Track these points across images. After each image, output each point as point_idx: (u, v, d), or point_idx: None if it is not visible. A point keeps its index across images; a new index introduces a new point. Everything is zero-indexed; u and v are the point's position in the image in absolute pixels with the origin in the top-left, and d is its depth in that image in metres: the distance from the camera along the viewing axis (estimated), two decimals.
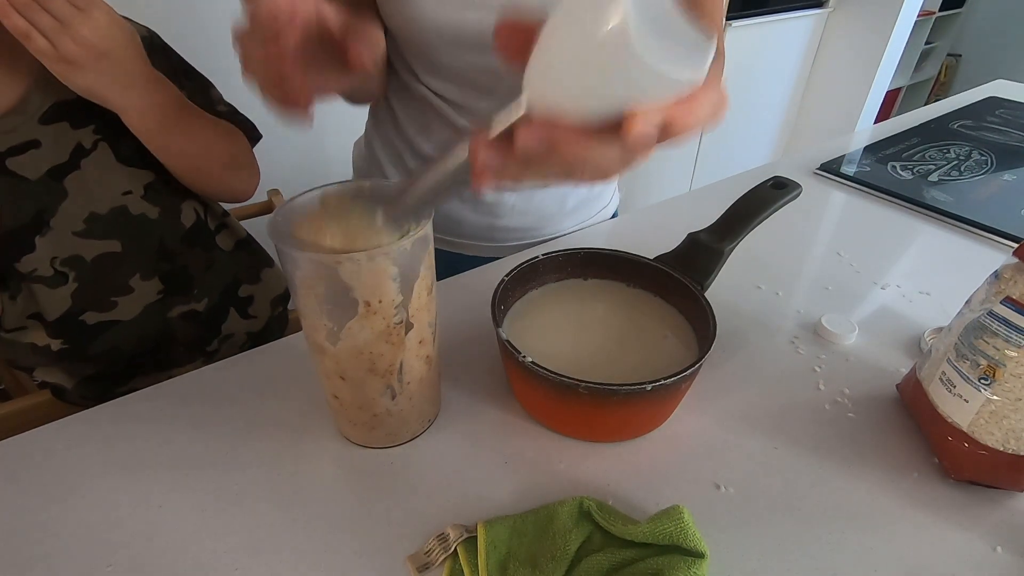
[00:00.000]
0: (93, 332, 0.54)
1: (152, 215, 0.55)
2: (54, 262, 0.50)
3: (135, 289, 0.56)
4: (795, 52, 2.39)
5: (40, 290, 0.50)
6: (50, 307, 0.51)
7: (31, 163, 0.48)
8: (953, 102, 1.22)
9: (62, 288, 0.51)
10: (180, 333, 0.60)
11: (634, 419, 0.47)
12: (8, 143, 0.46)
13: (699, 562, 0.36)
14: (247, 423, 0.49)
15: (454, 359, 0.56)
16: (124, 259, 0.54)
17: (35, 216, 0.49)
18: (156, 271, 0.57)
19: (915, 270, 0.70)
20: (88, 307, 0.53)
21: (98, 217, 0.52)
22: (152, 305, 0.57)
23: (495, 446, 0.47)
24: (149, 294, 0.57)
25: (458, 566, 0.38)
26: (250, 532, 0.41)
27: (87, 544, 0.40)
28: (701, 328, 0.50)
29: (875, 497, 0.44)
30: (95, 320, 0.54)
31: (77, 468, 0.45)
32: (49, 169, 0.49)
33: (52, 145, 0.49)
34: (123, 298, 0.55)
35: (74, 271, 0.51)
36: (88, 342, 0.55)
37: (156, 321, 0.58)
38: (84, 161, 0.50)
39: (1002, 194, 0.85)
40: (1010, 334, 0.40)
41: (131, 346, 0.57)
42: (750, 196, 0.59)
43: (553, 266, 0.57)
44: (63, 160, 0.49)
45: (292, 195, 0.38)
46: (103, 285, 0.54)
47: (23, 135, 0.47)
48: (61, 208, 0.50)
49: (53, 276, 0.50)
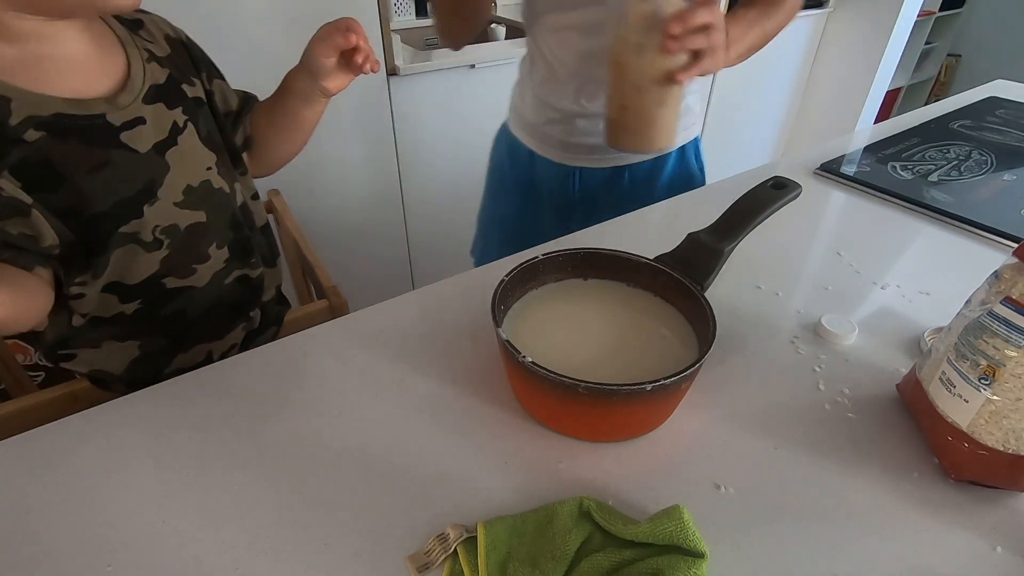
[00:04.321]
0: (169, 295, 0.59)
1: (227, 190, 0.61)
2: (155, 230, 0.55)
3: (211, 257, 0.61)
4: (795, 52, 2.39)
5: (135, 252, 0.54)
6: (137, 270, 0.56)
7: (140, 138, 0.52)
8: (953, 102, 1.22)
9: (156, 253, 0.56)
10: (230, 297, 0.65)
11: (634, 419, 0.47)
12: (123, 118, 0.51)
13: (699, 562, 0.36)
14: (247, 423, 0.49)
15: (453, 359, 0.56)
16: (207, 229, 0.59)
17: (146, 186, 0.53)
18: (226, 240, 0.62)
19: (915, 270, 0.70)
20: (171, 273, 0.58)
21: (192, 189, 0.57)
22: (219, 272, 0.63)
23: (495, 446, 0.47)
24: (219, 262, 0.62)
25: (458, 566, 0.38)
26: (250, 532, 0.41)
27: (87, 544, 0.40)
28: (701, 328, 0.50)
29: (875, 497, 0.44)
30: (174, 285, 0.59)
31: (77, 468, 0.45)
32: (155, 144, 0.53)
33: (154, 122, 0.53)
34: (201, 266, 0.60)
35: (169, 238, 0.56)
36: (162, 305, 0.59)
37: (218, 287, 0.63)
38: (180, 138, 0.56)
39: (1002, 194, 0.85)
40: (1010, 334, 0.40)
41: (196, 311, 0.62)
42: (750, 196, 0.59)
43: (553, 266, 0.57)
44: (164, 136, 0.54)
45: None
46: (189, 253, 0.59)
47: (133, 112, 0.52)
48: (166, 180, 0.55)
49: (152, 242, 0.55)
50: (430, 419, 0.50)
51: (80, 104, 0.48)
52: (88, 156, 0.49)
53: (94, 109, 0.49)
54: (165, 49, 0.57)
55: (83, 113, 0.48)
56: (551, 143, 0.85)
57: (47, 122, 0.46)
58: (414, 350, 0.57)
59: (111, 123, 0.50)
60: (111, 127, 0.50)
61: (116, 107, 0.50)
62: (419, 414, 0.50)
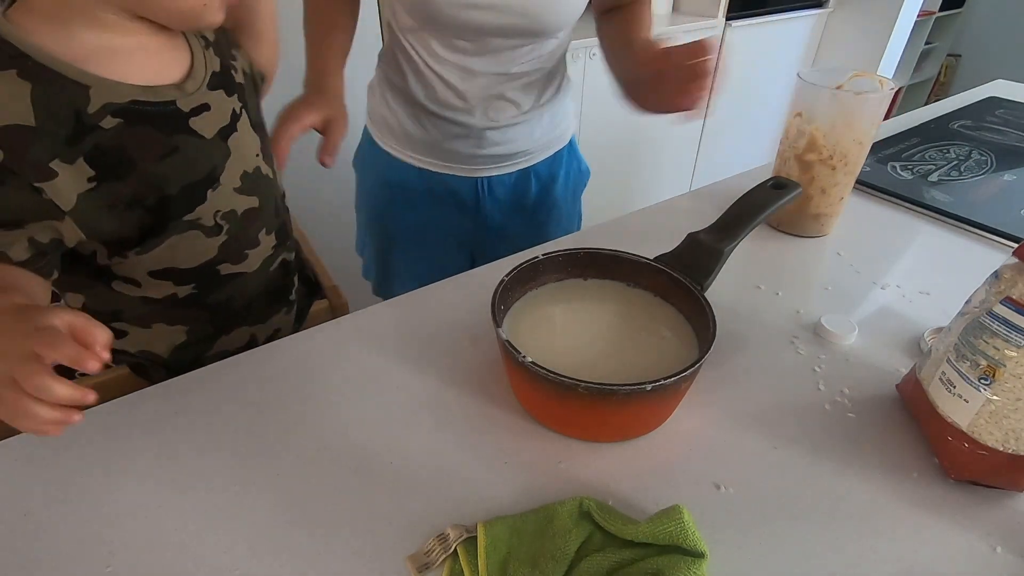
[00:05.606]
0: (222, 281, 0.60)
1: (271, 176, 0.63)
2: (216, 215, 0.56)
3: (261, 243, 0.62)
4: (795, 52, 2.39)
5: (195, 237, 0.55)
6: (194, 255, 0.57)
7: (206, 124, 0.53)
8: (953, 102, 1.22)
9: (215, 238, 0.57)
10: (274, 282, 0.67)
11: (634, 419, 0.47)
12: (191, 104, 0.52)
13: (699, 562, 0.36)
14: (247, 423, 0.49)
15: (453, 359, 0.56)
16: (259, 214, 0.60)
17: (210, 171, 0.54)
18: (274, 226, 0.64)
19: (915, 270, 0.70)
20: (226, 259, 0.59)
21: (247, 175, 0.58)
22: (266, 259, 0.64)
23: (495, 446, 0.47)
24: (267, 248, 0.63)
25: (458, 566, 0.38)
26: (250, 532, 0.41)
27: (87, 545, 0.40)
28: (701, 328, 0.50)
29: (875, 497, 0.44)
30: (228, 271, 0.60)
31: (77, 468, 0.45)
32: (219, 130, 0.55)
33: (217, 109, 0.54)
34: (253, 251, 0.61)
35: (228, 223, 0.57)
36: (213, 290, 0.60)
37: (265, 272, 0.64)
38: (239, 124, 0.57)
39: (1002, 194, 0.85)
40: (1010, 334, 0.40)
41: (244, 298, 0.63)
42: (750, 196, 0.59)
43: (553, 266, 0.57)
44: (226, 123, 0.55)
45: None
46: (243, 238, 0.60)
47: (200, 99, 0.53)
48: (227, 165, 0.56)
49: (212, 227, 0.56)
50: (430, 419, 0.50)
51: (153, 91, 0.49)
52: (160, 142, 0.50)
53: (166, 96, 0.50)
54: (212, 35, 0.58)
55: (156, 100, 0.49)
56: (459, 159, 0.85)
57: (123, 109, 0.47)
58: (414, 350, 0.57)
59: (181, 109, 0.51)
60: (181, 113, 0.51)
61: (185, 93, 0.51)
62: (419, 414, 0.50)
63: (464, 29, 0.72)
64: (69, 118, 0.44)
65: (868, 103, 0.67)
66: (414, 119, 0.83)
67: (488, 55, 0.75)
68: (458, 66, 0.76)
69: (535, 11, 0.70)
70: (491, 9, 0.69)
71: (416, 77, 0.80)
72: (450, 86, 0.78)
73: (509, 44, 0.74)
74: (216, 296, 0.61)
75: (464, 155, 0.85)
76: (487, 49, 0.75)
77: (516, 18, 0.71)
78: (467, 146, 0.84)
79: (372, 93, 0.89)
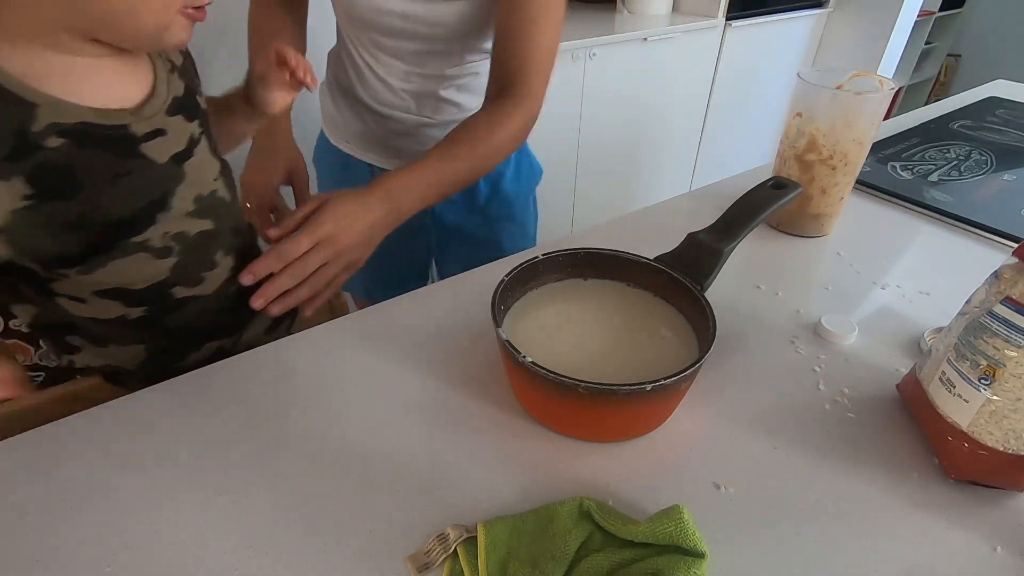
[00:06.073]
0: (178, 304, 0.59)
1: (228, 199, 0.62)
2: (165, 237, 0.55)
3: (218, 265, 0.61)
4: (795, 52, 2.39)
5: (143, 259, 0.54)
6: (144, 276, 0.56)
7: (159, 149, 0.53)
8: (953, 102, 1.22)
9: (165, 260, 0.56)
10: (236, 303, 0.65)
11: (634, 419, 0.47)
12: (144, 129, 0.51)
13: (699, 562, 0.36)
14: (247, 423, 0.49)
15: (453, 359, 0.56)
16: (215, 236, 0.60)
17: (161, 196, 0.54)
18: (232, 248, 0.63)
19: (915, 270, 0.70)
20: (179, 282, 0.58)
21: (202, 198, 0.57)
22: (225, 282, 0.63)
23: (495, 446, 0.47)
24: (226, 269, 0.62)
25: (458, 566, 0.38)
26: (250, 532, 0.41)
27: (86, 545, 0.40)
28: (701, 328, 0.50)
29: (875, 497, 0.44)
30: (182, 294, 0.59)
31: (77, 468, 0.45)
32: (173, 155, 0.54)
33: (174, 134, 0.54)
34: (209, 273, 0.60)
35: (179, 245, 0.56)
36: (169, 313, 0.59)
37: (224, 296, 0.63)
38: (195, 150, 0.56)
39: (1002, 194, 0.85)
40: (1010, 334, 0.40)
41: (200, 321, 0.62)
42: (750, 196, 0.59)
43: (553, 266, 0.57)
44: (182, 148, 0.55)
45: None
46: (197, 260, 0.59)
47: (154, 124, 0.52)
48: (178, 190, 0.55)
49: (161, 248, 0.55)
50: (430, 419, 0.50)
51: (105, 114, 0.48)
52: (110, 165, 0.49)
53: (119, 120, 0.49)
54: (179, 59, 0.58)
55: (107, 123, 0.48)
56: (404, 155, 0.87)
57: (70, 130, 0.46)
58: (414, 350, 0.57)
59: (133, 134, 0.50)
60: (133, 137, 0.50)
61: (140, 118, 0.50)
62: (419, 414, 0.50)
63: (387, 33, 0.74)
64: (10, 135, 0.44)
65: (868, 103, 0.67)
66: (359, 117, 0.86)
67: (417, 57, 0.77)
68: (392, 66, 0.79)
69: (445, 21, 0.72)
70: (400, 16, 0.72)
71: (358, 76, 0.83)
72: (388, 85, 0.81)
73: (432, 48, 0.76)
74: (174, 319, 0.60)
75: (408, 152, 0.86)
76: (412, 52, 0.77)
77: (421, 26, 0.73)
78: (410, 143, 0.86)
79: (323, 92, 0.92)
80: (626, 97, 1.86)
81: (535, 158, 0.99)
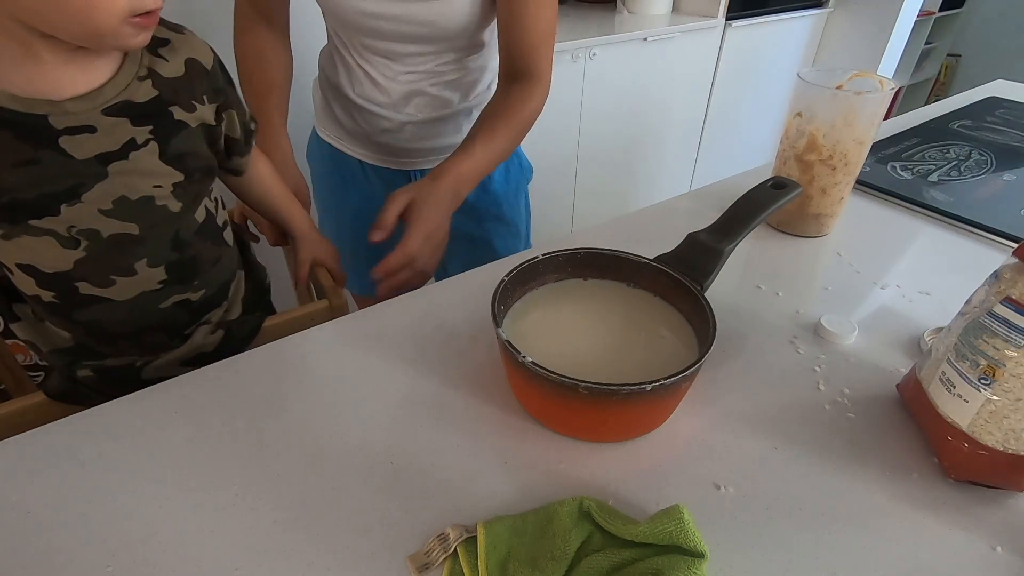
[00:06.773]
0: (82, 301, 0.58)
1: (174, 208, 0.59)
2: (71, 230, 0.54)
3: (138, 273, 0.59)
4: (795, 52, 2.39)
5: (49, 243, 0.54)
6: (50, 260, 0.55)
7: (82, 145, 0.52)
8: (953, 102, 1.22)
9: (71, 251, 0.55)
10: (167, 321, 0.64)
11: (634, 419, 0.47)
12: (65, 123, 0.51)
13: (699, 562, 0.36)
14: (247, 423, 0.49)
15: (453, 359, 0.56)
16: (138, 242, 0.58)
17: (70, 189, 0.53)
18: (164, 260, 0.60)
19: (915, 270, 0.70)
20: (85, 278, 0.57)
21: (126, 201, 0.56)
22: (149, 293, 0.61)
23: (495, 446, 0.47)
24: (150, 281, 0.60)
25: (458, 566, 0.38)
26: (250, 532, 0.41)
27: (87, 545, 0.40)
28: (701, 328, 0.50)
29: (875, 497, 0.44)
30: (87, 292, 0.58)
31: (76, 469, 0.45)
32: (98, 154, 0.53)
33: (107, 134, 0.53)
34: (123, 279, 0.59)
35: (87, 241, 0.55)
36: (75, 307, 0.58)
37: (149, 308, 0.61)
38: (133, 154, 0.55)
39: (1002, 194, 0.85)
40: (1010, 334, 0.40)
41: (114, 325, 0.61)
42: (750, 196, 0.59)
43: (553, 266, 0.57)
44: (114, 149, 0.53)
45: None
46: (108, 262, 0.57)
47: (82, 120, 0.51)
48: (97, 187, 0.54)
49: (68, 239, 0.54)
50: (430, 419, 0.50)
51: (24, 102, 0.48)
52: (17, 151, 0.50)
53: (36, 109, 0.49)
54: (178, 71, 0.56)
55: (23, 111, 0.49)
56: (391, 151, 0.90)
57: None
58: (414, 350, 0.57)
59: (52, 125, 0.50)
60: (51, 128, 0.50)
61: (63, 111, 0.50)
62: (419, 414, 0.50)
63: (374, 35, 0.77)
64: None
65: (868, 103, 0.67)
66: (347, 113, 0.88)
67: (404, 57, 0.80)
68: (379, 64, 0.81)
69: (432, 20, 0.74)
70: (393, 20, 0.74)
71: (346, 72, 0.85)
72: (374, 82, 0.83)
73: (421, 49, 0.79)
74: (81, 314, 0.59)
75: (395, 148, 0.89)
76: (400, 52, 0.79)
77: (417, 27, 0.75)
78: (396, 139, 0.88)
79: (315, 89, 0.94)
80: (626, 97, 1.86)
81: (524, 156, 0.99)
